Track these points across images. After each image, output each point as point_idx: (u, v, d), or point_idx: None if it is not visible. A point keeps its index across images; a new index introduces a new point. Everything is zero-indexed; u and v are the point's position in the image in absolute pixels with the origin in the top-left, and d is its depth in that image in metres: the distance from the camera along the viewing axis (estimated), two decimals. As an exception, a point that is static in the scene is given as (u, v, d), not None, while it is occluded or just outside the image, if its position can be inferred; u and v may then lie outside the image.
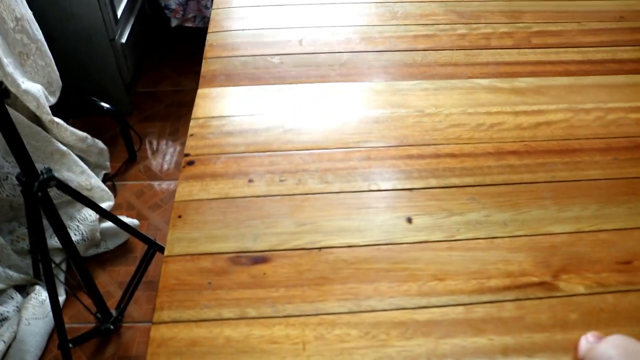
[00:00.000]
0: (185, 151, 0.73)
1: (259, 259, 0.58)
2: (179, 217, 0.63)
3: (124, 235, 1.75)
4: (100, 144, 1.88)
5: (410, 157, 0.70)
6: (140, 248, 1.81)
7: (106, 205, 1.79)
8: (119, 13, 1.98)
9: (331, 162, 0.70)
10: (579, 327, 0.52)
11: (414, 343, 0.51)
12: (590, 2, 1.03)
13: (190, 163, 0.70)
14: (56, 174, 1.07)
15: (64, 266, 1.57)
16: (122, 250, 1.81)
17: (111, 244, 1.71)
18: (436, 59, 0.90)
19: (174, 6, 2.61)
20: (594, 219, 0.63)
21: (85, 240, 1.61)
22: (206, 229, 0.61)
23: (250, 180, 0.67)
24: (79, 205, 1.62)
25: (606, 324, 0.53)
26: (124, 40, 2.00)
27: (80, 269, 1.23)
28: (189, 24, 2.74)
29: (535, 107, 0.80)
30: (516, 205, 0.64)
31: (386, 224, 0.61)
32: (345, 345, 0.51)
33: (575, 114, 0.80)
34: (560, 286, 0.55)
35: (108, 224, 1.67)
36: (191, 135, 0.75)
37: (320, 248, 0.59)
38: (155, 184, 2.11)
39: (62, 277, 1.53)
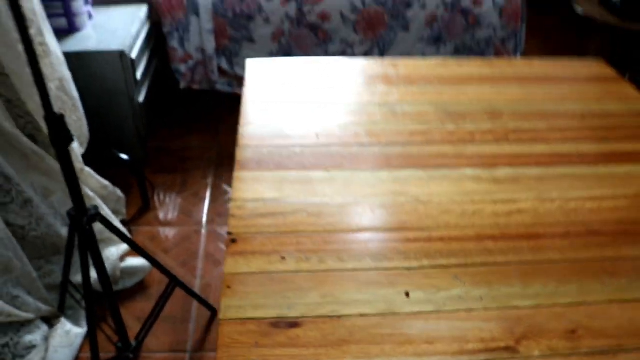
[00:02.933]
0: (229, 230, 0.91)
1: (293, 324, 0.76)
2: (228, 287, 0.81)
3: (141, 275, 1.93)
4: (119, 192, 2.08)
5: (408, 240, 0.89)
6: (155, 286, 1.99)
7: (124, 247, 1.98)
8: (139, 75, 2.20)
9: (346, 243, 0.88)
10: (534, 382, 0.70)
11: (411, 392, 0.69)
12: (557, 103, 1.24)
13: (234, 241, 0.89)
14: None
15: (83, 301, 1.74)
16: (138, 289, 1.99)
17: (129, 283, 1.89)
18: (429, 152, 1.09)
19: (183, 70, 2.84)
20: (552, 295, 0.81)
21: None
22: (250, 299, 0.79)
23: (283, 258, 0.86)
24: (102, 245, 1.80)
25: (555, 380, 0.71)
26: (141, 99, 2.22)
27: (111, 299, 1.40)
28: (195, 87, 2.97)
29: (510, 196, 1.00)
30: (490, 284, 0.82)
31: (389, 297, 0.79)
32: (359, 393, 0.68)
33: (542, 203, 0.99)
34: (520, 350, 0.73)
35: (127, 263, 1.86)
36: (232, 215, 0.94)
37: (339, 316, 0.77)
38: (167, 229, 2.29)
39: (82, 310, 1.70)
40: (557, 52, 3.53)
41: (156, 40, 2.86)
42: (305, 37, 2.87)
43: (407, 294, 0.80)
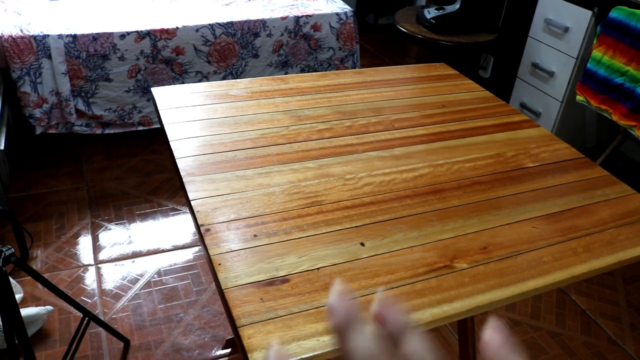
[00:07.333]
0: (200, 222, 1.05)
1: (284, 280, 0.93)
2: (219, 264, 0.96)
3: (40, 322, 1.92)
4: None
5: (346, 207, 1.11)
6: (56, 332, 1.98)
7: (18, 297, 1.95)
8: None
9: (301, 217, 1.07)
10: (469, 284, 0.95)
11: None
12: (422, 97, 1.56)
13: (208, 230, 1.03)
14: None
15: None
16: (39, 337, 1.96)
17: (29, 332, 1.87)
18: (338, 143, 1.33)
19: (38, 115, 2.79)
20: (462, 228, 1.08)
21: (2, 330, 1.76)
22: (241, 270, 0.95)
23: (255, 236, 1.02)
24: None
25: (480, 281, 0.97)
26: (2, 146, 2.19)
27: (26, 348, 1.41)
28: (52, 131, 2.92)
29: (410, 167, 1.26)
30: (418, 227, 1.07)
31: (350, 249, 1.00)
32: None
33: (435, 168, 1.27)
34: (455, 266, 0.98)
35: (23, 312, 1.84)
36: (197, 212, 1.08)
37: (318, 268, 0.96)
38: (55, 275, 2.27)
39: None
40: (387, 64, 4.07)
41: (5, 86, 2.79)
42: (162, 72, 2.99)
43: (363, 244, 1.02)
